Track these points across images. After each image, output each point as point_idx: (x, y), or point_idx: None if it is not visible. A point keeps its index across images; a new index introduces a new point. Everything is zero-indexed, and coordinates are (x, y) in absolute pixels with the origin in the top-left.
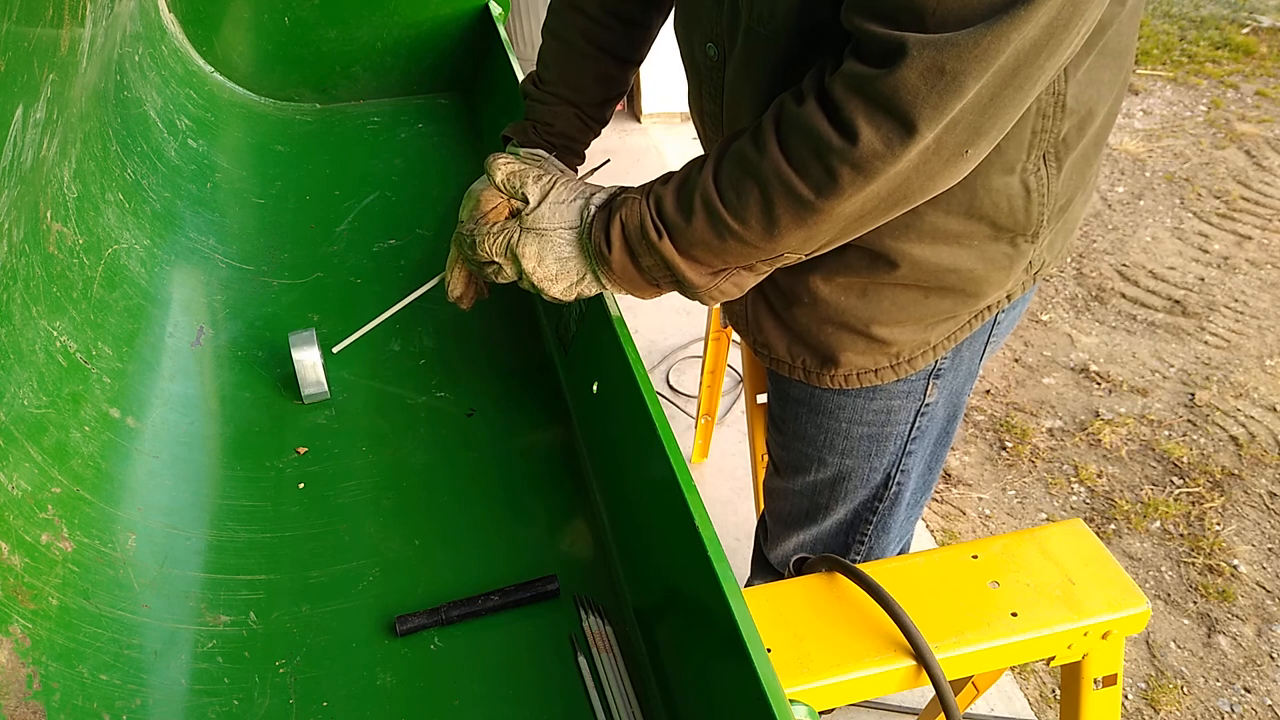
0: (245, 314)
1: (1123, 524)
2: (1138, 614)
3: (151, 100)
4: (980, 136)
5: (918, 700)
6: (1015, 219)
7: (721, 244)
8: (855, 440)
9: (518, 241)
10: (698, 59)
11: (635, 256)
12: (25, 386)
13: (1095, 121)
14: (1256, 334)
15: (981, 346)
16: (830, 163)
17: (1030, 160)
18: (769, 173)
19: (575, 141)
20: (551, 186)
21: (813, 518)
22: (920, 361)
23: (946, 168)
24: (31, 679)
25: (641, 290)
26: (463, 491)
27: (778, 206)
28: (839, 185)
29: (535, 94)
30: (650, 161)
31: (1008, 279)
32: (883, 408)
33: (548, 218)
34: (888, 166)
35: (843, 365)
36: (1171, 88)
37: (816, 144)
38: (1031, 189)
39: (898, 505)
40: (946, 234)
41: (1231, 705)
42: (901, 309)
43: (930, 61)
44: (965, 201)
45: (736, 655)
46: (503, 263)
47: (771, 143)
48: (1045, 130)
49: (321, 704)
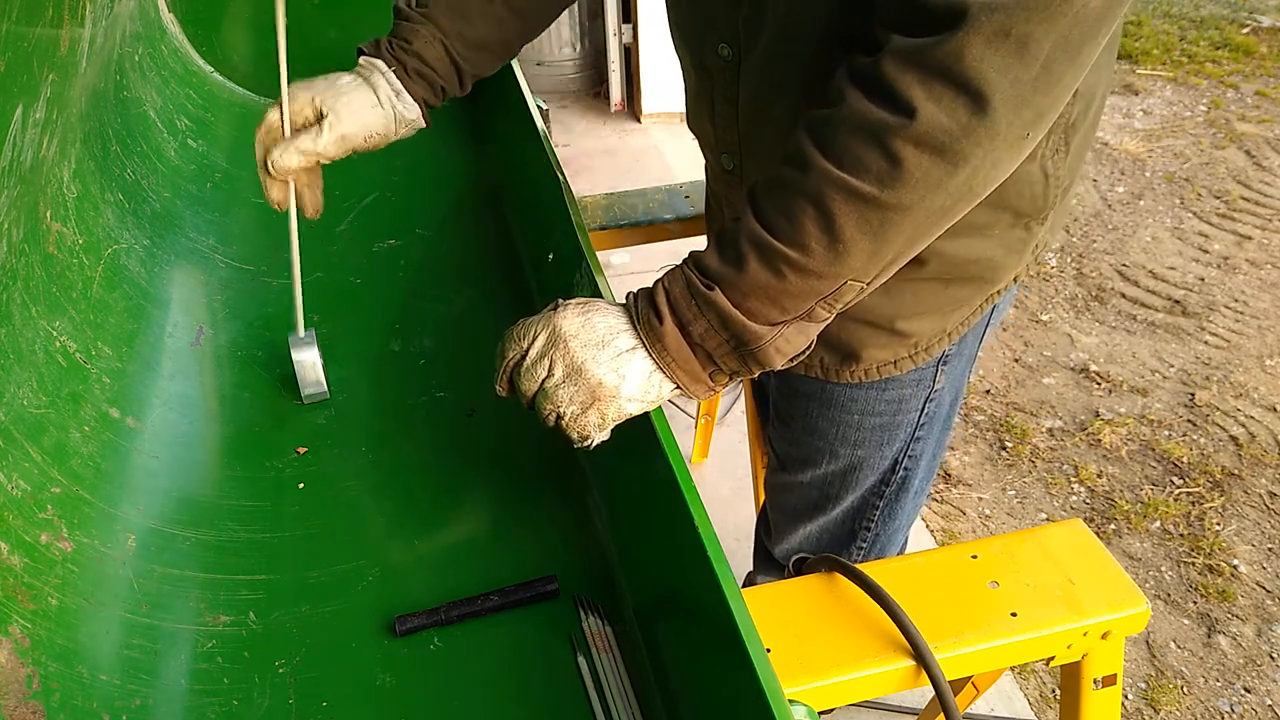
0: (245, 314)
1: (1123, 524)
2: (1137, 614)
3: (151, 100)
4: (1041, 118)
5: (918, 700)
6: (1035, 204)
7: (780, 283)
8: (868, 431)
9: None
10: (707, 61)
11: (685, 325)
12: (25, 386)
13: (1095, 104)
14: (1256, 334)
15: (983, 329)
16: (889, 145)
17: (1048, 146)
18: (820, 184)
19: (429, 68)
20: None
21: (821, 508)
22: (936, 349)
23: (1010, 152)
24: (31, 679)
25: (692, 368)
26: (463, 491)
27: (839, 217)
28: (904, 170)
29: (405, 11)
30: (650, 161)
31: (1020, 262)
32: (895, 397)
33: (589, 330)
34: (955, 143)
35: (864, 360)
36: (1171, 88)
37: (870, 131)
38: (1049, 174)
39: (905, 490)
40: (973, 226)
41: (1231, 705)
42: (922, 300)
43: (998, 25)
44: (995, 192)
45: (736, 655)
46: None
47: (814, 155)
48: (1061, 115)
49: (321, 704)
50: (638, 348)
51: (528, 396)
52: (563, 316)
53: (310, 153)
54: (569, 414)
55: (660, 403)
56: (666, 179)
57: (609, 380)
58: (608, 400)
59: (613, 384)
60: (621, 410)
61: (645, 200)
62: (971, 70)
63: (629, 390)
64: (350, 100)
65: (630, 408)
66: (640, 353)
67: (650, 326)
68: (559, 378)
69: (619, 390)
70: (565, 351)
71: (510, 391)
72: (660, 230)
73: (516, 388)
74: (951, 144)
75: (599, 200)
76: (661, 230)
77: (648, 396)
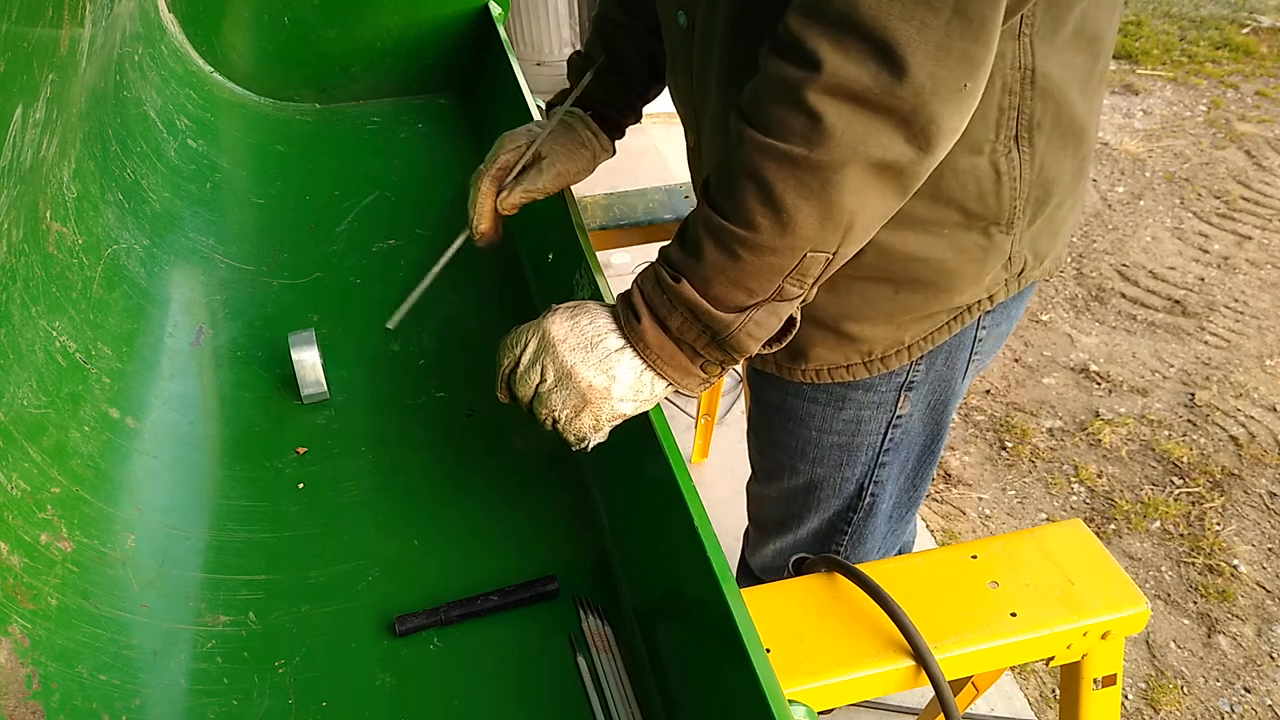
0: (245, 314)
1: (1123, 524)
2: (1137, 614)
3: (151, 100)
4: (975, 66)
5: (918, 700)
6: (986, 204)
7: (738, 265)
8: (826, 449)
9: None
10: (670, 30)
11: (663, 320)
12: (25, 386)
13: (1070, 109)
14: (1256, 334)
15: (963, 363)
16: (805, 101)
17: (1000, 140)
18: (752, 155)
19: (614, 110)
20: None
21: (788, 525)
22: (894, 361)
23: (949, 105)
24: (31, 679)
25: (679, 363)
26: (463, 491)
27: (775, 185)
28: (825, 124)
29: (577, 62)
30: (650, 161)
31: (983, 273)
32: (852, 417)
33: (576, 334)
34: (870, 92)
35: (812, 360)
36: (1171, 88)
37: (785, 91)
38: (1002, 171)
39: (873, 517)
40: (913, 219)
41: (1231, 705)
42: (871, 305)
43: None
44: (931, 183)
45: (736, 655)
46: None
47: (743, 127)
48: (1013, 108)
49: (321, 704)
50: (626, 348)
51: (524, 402)
52: (551, 321)
53: (531, 191)
54: (563, 417)
55: (655, 402)
56: (666, 179)
57: (599, 382)
58: (599, 402)
59: (603, 385)
60: (615, 411)
61: (645, 200)
62: (868, 16)
63: (620, 391)
64: (562, 144)
65: (624, 408)
66: (629, 353)
67: (631, 326)
68: (551, 382)
69: (610, 391)
70: (554, 356)
71: (511, 398)
72: (660, 230)
73: (513, 394)
74: (866, 93)
75: (599, 200)
76: (661, 230)
77: (640, 396)
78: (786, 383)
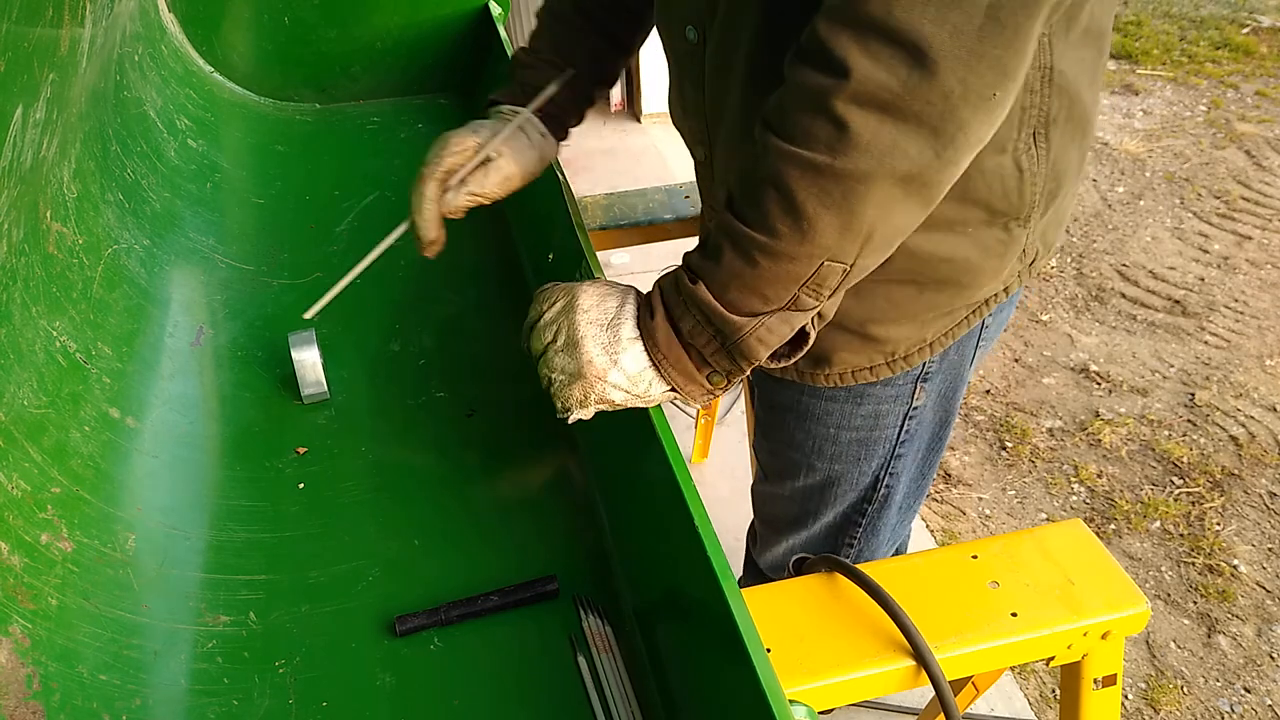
0: (245, 314)
1: (1123, 524)
2: (1137, 614)
3: (151, 100)
4: (1006, 74)
5: (918, 700)
6: (1009, 201)
7: (755, 271)
8: (844, 445)
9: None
10: (677, 45)
11: (675, 320)
12: (25, 386)
13: (1081, 104)
14: (1256, 334)
15: (971, 349)
16: (832, 109)
17: (1021, 138)
18: (776, 163)
19: (563, 111)
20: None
21: (802, 522)
22: (915, 359)
23: (978, 113)
24: (31, 679)
25: (684, 367)
26: (463, 491)
27: (798, 193)
28: (851, 133)
29: (526, 60)
30: (650, 161)
31: (1002, 267)
32: (871, 412)
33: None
34: (900, 101)
35: (836, 365)
36: (1171, 88)
37: (812, 98)
38: (1024, 168)
39: (887, 508)
40: (941, 221)
41: (1231, 705)
42: (896, 306)
43: None
44: (960, 184)
45: (736, 655)
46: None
47: (768, 136)
48: (1034, 106)
49: (321, 704)
50: (638, 340)
51: (534, 355)
52: (583, 290)
53: (478, 195)
54: (558, 381)
55: (648, 401)
56: (666, 179)
57: (600, 362)
58: (593, 379)
59: (601, 365)
60: (604, 394)
61: (645, 200)
62: (902, 21)
63: (616, 377)
64: (510, 146)
65: (613, 394)
66: (640, 346)
67: (645, 322)
68: (560, 345)
69: (605, 374)
70: (572, 322)
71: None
72: (660, 230)
73: (529, 346)
74: (896, 101)
75: (599, 200)
76: (661, 230)
77: (634, 389)
78: (802, 385)
